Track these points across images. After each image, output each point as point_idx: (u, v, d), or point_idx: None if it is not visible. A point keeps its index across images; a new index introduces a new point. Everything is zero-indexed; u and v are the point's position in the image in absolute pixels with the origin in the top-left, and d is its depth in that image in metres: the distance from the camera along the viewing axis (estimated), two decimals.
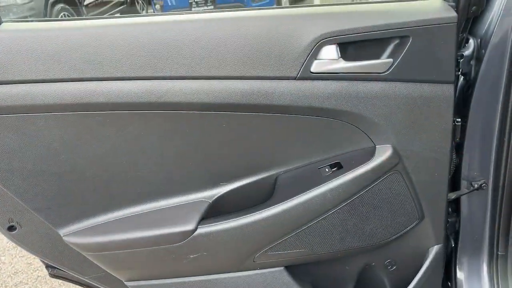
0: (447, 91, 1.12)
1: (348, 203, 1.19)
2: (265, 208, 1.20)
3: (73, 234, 1.23)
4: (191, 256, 1.23)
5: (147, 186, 1.22)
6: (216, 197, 1.24)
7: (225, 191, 1.24)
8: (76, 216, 1.23)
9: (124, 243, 1.21)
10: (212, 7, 6.60)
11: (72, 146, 1.14)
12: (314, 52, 1.07)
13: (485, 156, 1.26)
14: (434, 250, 1.32)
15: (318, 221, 1.21)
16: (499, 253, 1.35)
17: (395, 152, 1.17)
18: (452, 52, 1.09)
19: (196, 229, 1.19)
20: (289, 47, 1.07)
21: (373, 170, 1.17)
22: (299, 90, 1.10)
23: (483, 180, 1.28)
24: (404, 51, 1.08)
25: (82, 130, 1.13)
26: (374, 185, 1.18)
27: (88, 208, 1.23)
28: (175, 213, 1.22)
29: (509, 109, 1.17)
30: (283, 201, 1.20)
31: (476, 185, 1.28)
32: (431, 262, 1.32)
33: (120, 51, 1.07)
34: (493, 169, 1.26)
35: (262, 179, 1.24)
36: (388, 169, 1.18)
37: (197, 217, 1.20)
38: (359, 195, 1.19)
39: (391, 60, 1.09)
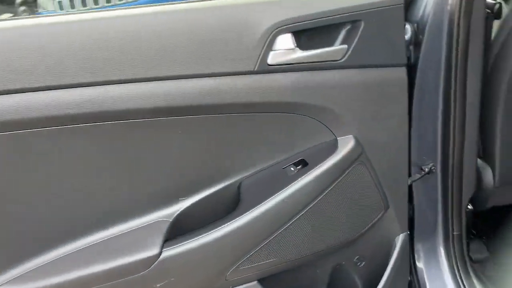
0: (401, 74, 1.14)
1: (317, 201, 1.14)
2: (232, 220, 1.11)
3: (9, 283, 1.02)
4: (158, 285, 1.08)
5: (97, 212, 1.07)
6: (176, 214, 1.12)
7: (186, 206, 1.12)
8: (11, 260, 1.03)
9: (79, 281, 1.03)
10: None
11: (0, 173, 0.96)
12: (269, 42, 1.02)
13: (431, 140, 1.29)
14: (400, 239, 1.31)
15: (288, 225, 1.13)
16: (455, 233, 1.38)
17: (357, 142, 1.15)
18: (402, 34, 1.11)
19: (160, 253, 1.06)
20: (243, 39, 1.01)
21: (338, 163, 1.13)
22: (257, 85, 1.04)
23: (431, 164, 1.32)
24: (358, 36, 1.07)
25: (12, 153, 0.96)
26: (341, 178, 1.15)
27: (27, 247, 1.03)
28: (134, 238, 1.08)
29: (451, 90, 1.22)
30: (250, 209, 1.11)
31: (426, 169, 1.31)
32: (399, 251, 1.31)
33: (51, 55, 0.93)
34: (440, 151, 1.30)
35: (225, 187, 1.15)
36: (352, 161, 1.15)
37: (159, 240, 1.07)
38: (328, 191, 1.14)
39: (345, 46, 1.08)
